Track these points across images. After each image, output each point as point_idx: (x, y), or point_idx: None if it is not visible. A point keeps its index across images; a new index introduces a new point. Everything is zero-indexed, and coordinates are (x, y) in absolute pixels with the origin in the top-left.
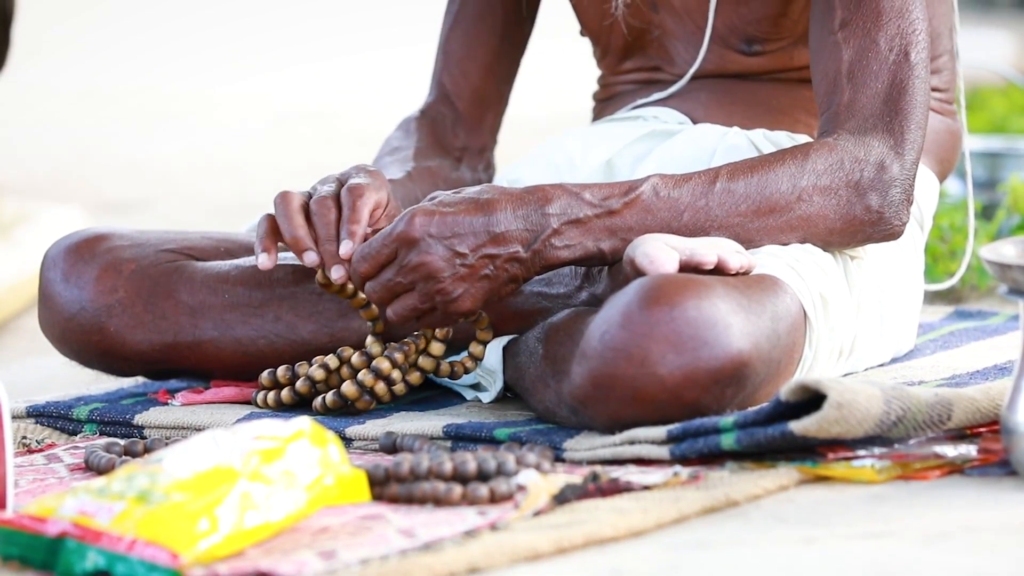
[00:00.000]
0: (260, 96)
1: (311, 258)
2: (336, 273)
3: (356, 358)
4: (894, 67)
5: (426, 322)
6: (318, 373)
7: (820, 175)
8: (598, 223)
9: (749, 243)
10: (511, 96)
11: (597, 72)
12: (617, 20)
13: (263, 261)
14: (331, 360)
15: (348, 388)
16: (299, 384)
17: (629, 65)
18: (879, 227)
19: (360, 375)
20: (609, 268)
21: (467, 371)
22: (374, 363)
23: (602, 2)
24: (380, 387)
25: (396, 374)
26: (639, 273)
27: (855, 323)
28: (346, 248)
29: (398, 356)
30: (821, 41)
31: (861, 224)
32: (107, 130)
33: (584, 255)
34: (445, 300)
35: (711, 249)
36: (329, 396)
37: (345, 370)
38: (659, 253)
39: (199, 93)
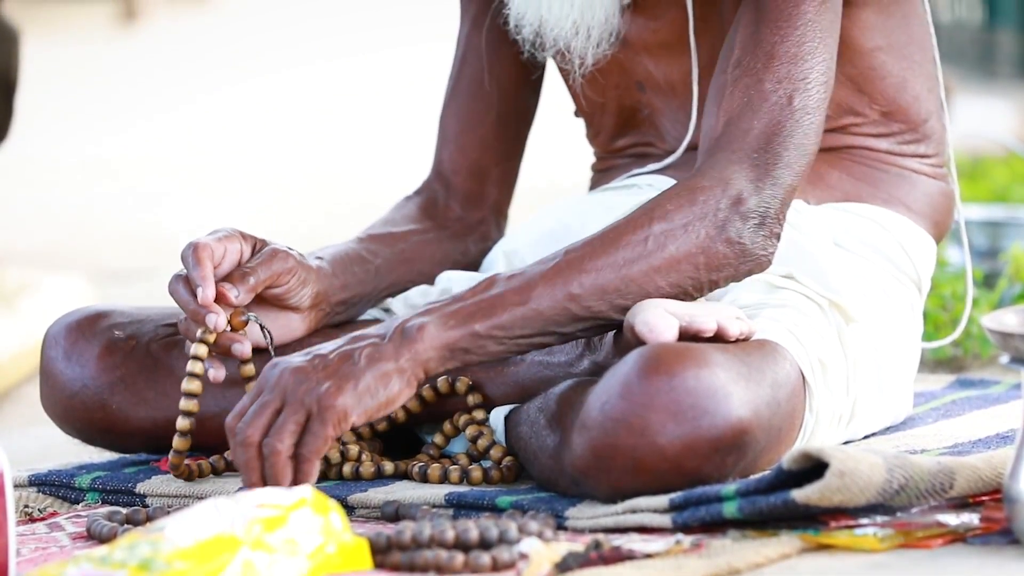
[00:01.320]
0: (262, 165)
1: (212, 321)
2: (212, 321)
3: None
4: (774, 109)
5: (309, 440)
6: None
7: (673, 216)
8: (446, 307)
9: (624, 295)
10: (519, 169)
11: (592, 149)
12: (609, 100)
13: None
14: None
15: (332, 452)
16: None
17: (622, 143)
18: (743, 259)
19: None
20: (613, 335)
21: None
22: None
23: (594, 83)
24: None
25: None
26: (639, 341)
27: (853, 387)
28: (202, 294)
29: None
30: (715, 80)
31: (725, 258)
32: (110, 199)
33: (442, 338)
34: (316, 397)
35: (711, 316)
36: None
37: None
38: (658, 321)
39: (201, 162)
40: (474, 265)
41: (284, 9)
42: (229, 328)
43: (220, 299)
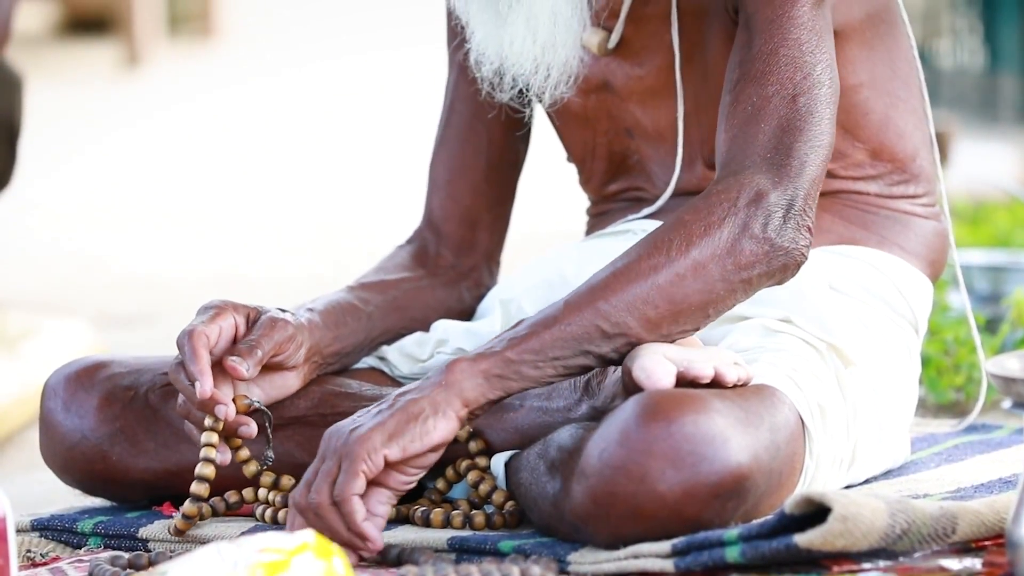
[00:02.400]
0: (266, 209)
1: (221, 412)
2: (220, 412)
3: None
4: (781, 110)
5: (340, 484)
6: None
7: (691, 225)
8: (492, 345)
9: (660, 312)
10: (511, 215)
11: (585, 194)
12: (599, 146)
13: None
14: None
15: None
16: None
17: (614, 188)
18: (774, 255)
19: None
20: (620, 381)
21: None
22: None
23: (584, 129)
24: None
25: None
26: (636, 386)
27: (853, 431)
28: (200, 389)
29: None
30: (721, 104)
31: (753, 255)
32: (111, 244)
33: (482, 375)
34: (346, 442)
35: (708, 362)
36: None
37: None
38: (656, 366)
39: (202, 207)
40: (468, 312)
41: (287, 53)
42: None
43: (230, 373)
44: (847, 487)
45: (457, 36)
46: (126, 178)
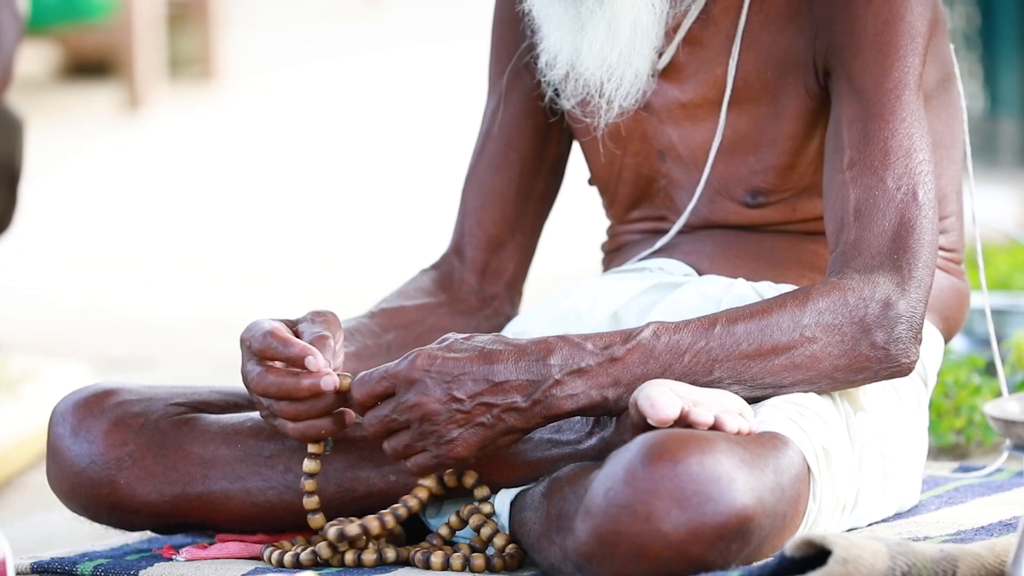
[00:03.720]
0: (264, 251)
1: (331, 380)
2: (330, 383)
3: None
4: (901, 206)
5: (419, 460)
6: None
7: (822, 313)
8: (600, 371)
9: (755, 383)
10: (536, 247)
11: (606, 223)
12: (626, 168)
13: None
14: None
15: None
16: (320, 548)
17: (636, 214)
18: (886, 364)
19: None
20: (617, 416)
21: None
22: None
23: (614, 148)
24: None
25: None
26: (641, 416)
27: (858, 476)
28: (312, 362)
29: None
30: (831, 181)
31: (867, 361)
32: (111, 287)
33: (588, 404)
34: (438, 443)
35: (711, 408)
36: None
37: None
38: (661, 397)
39: (203, 249)
40: None
41: (288, 95)
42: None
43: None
44: (849, 531)
45: (503, 62)
46: (126, 221)
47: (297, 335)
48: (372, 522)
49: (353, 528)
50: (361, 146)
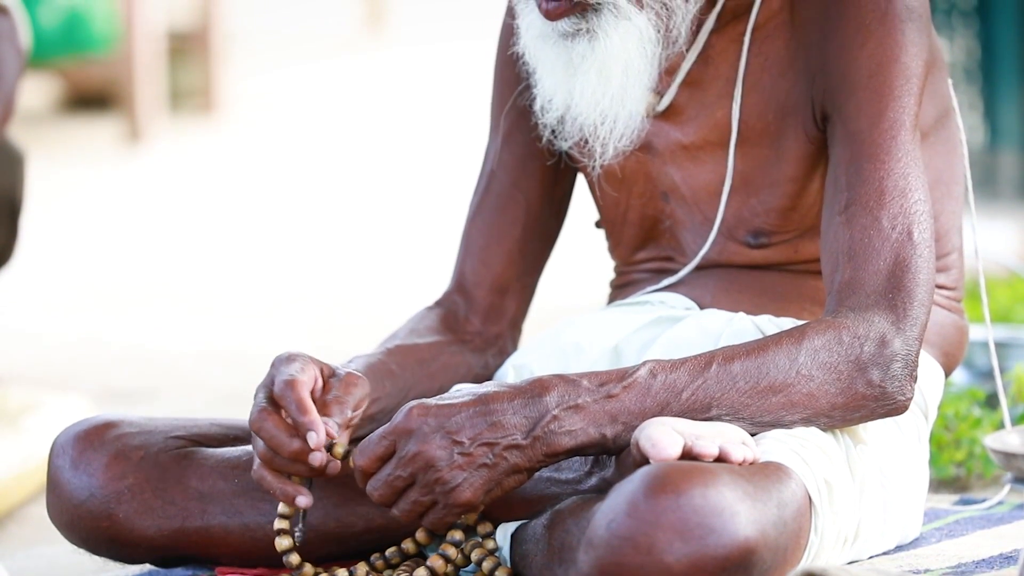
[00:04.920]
0: (264, 284)
1: (318, 459)
2: (316, 460)
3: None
4: (897, 245)
5: (431, 517)
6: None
7: (818, 351)
8: (597, 408)
9: (753, 422)
10: (537, 286)
11: (612, 262)
12: (631, 209)
13: (303, 501)
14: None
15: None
16: None
17: (642, 255)
18: (882, 402)
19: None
20: (617, 454)
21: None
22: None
23: (618, 190)
24: None
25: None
26: (643, 456)
27: (859, 509)
28: (314, 439)
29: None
30: (828, 223)
31: (864, 399)
32: (112, 319)
33: (587, 441)
34: (445, 490)
35: (714, 440)
36: None
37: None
38: (662, 437)
39: (203, 282)
40: (490, 380)
41: (289, 128)
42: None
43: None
44: (850, 563)
45: (505, 101)
46: (127, 253)
47: (325, 385)
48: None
49: None
50: (362, 178)
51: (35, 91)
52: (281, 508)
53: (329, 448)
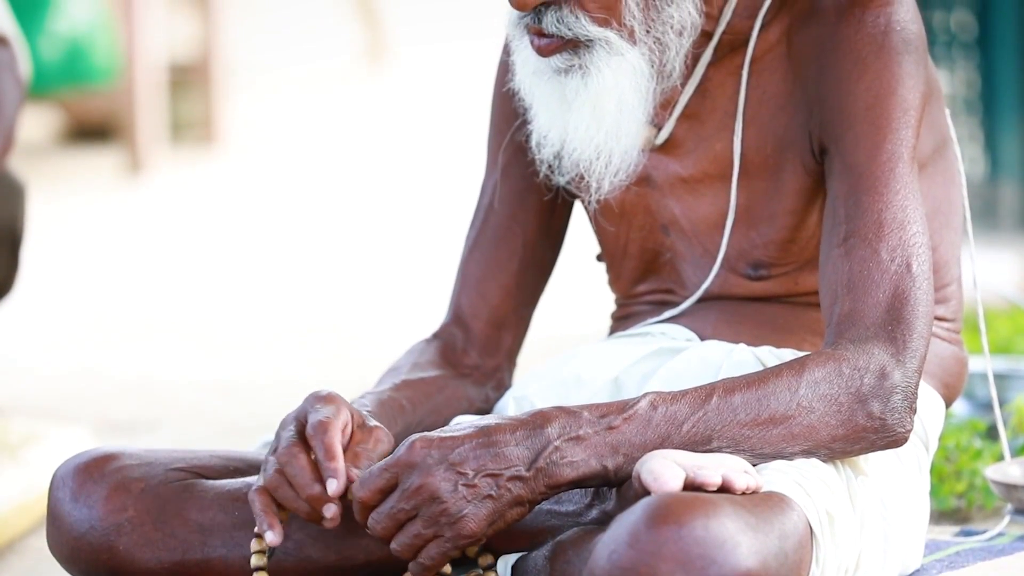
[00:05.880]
0: (265, 315)
1: (332, 511)
2: (329, 511)
3: None
4: (896, 277)
5: (432, 551)
6: None
7: (819, 383)
8: (598, 439)
9: (754, 454)
10: (532, 319)
11: (613, 295)
12: (631, 242)
13: (271, 538)
14: None
15: None
16: None
17: (642, 288)
18: (882, 434)
19: None
20: (618, 486)
21: None
22: None
23: (619, 224)
24: None
25: None
26: (645, 489)
27: (860, 540)
28: (334, 486)
29: None
30: (827, 255)
31: (864, 431)
32: (113, 351)
33: (588, 473)
34: (450, 522)
35: (717, 469)
36: None
37: None
38: (664, 470)
39: (204, 313)
40: (490, 412)
41: (289, 158)
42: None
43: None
44: None
45: (503, 135)
46: (128, 284)
47: (353, 434)
48: None
49: None
50: (361, 209)
51: (36, 122)
52: (254, 544)
53: (342, 496)
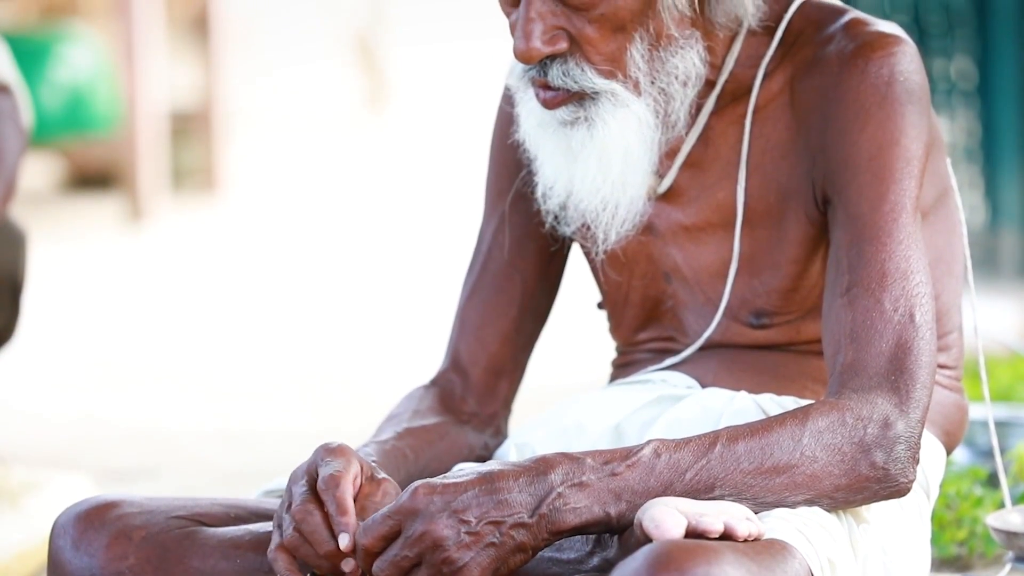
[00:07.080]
0: (266, 362)
1: (351, 565)
2: (348, 566)
3: None
4: (899, 327)
5: None
6: None
7: (822, 433)
8: (601, 486)
9: (756, 502)
10: (528, 365)
11: (614, 342)
12: (633, 290)
13: None
14: None
15: None
16: None
17: (644, 335)
18: (885, 484)
19: None
20: (620, 533)
21: None
22: None
23: (620, 272)
24: None
25: None
26: (647, 537)
27: None
28: (346, 541)
29: None
30: (830, 305)
31: (867, 481)
32: (114, 398)
33: (591, 519)
34: (452, 570)
35: (719, 516)
36: None
37: None
38: (666, 518)
39: (205, 361)
40: (490, 459)
41: (290, 205)
42: None
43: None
44: None
45: (502, 183)
46: (129, 332)
47: (362, 487)
48: None
49: None
50: (362, 256)
51: (38, 171)
52: None
53: (352, 550)
